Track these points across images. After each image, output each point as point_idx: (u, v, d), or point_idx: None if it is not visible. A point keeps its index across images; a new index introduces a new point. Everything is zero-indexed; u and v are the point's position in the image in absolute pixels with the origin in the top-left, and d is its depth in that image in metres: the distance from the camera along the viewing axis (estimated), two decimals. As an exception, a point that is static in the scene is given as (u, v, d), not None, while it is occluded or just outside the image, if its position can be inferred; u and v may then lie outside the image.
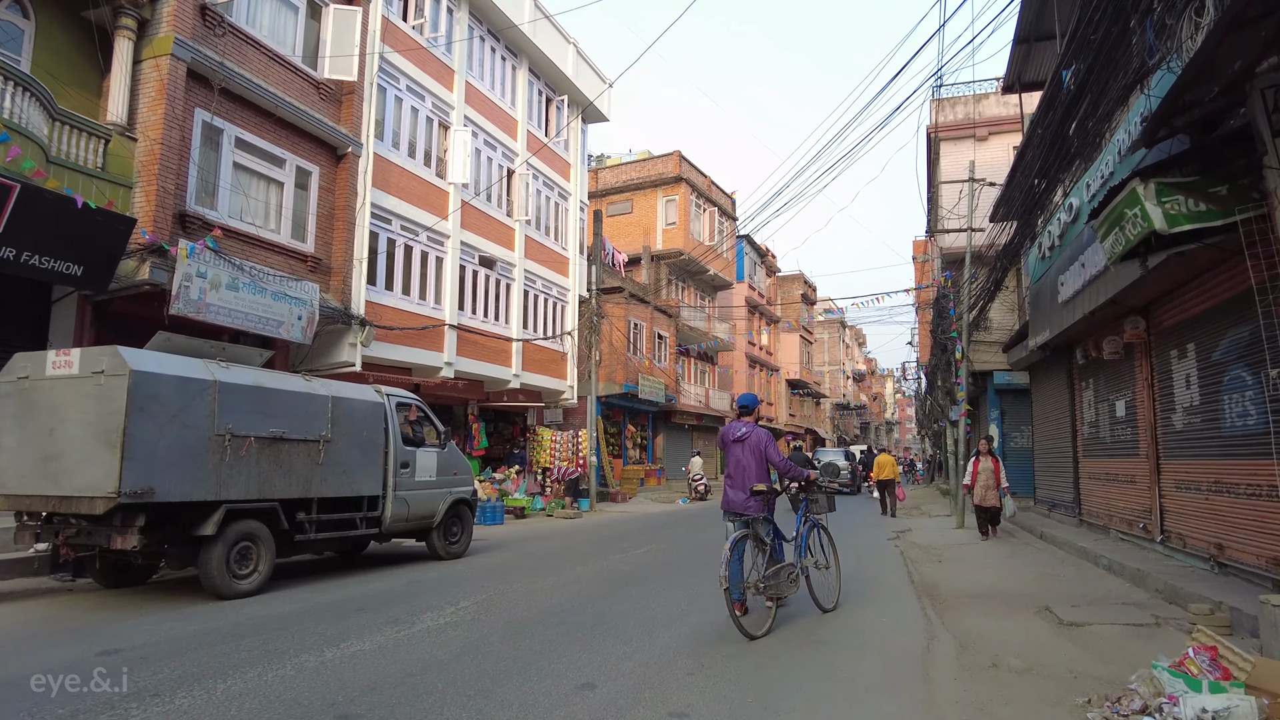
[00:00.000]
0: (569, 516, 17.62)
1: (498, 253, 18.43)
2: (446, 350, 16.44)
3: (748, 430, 6.34)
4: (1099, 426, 10.81)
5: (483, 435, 19.12)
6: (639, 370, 26.40)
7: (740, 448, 6.28)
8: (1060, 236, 10.54)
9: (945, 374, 19.81)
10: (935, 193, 19.90)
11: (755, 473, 6.20)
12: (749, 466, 6.21)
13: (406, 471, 9.33)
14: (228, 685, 4.51)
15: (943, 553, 11.23)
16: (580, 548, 11.46)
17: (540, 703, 4.26)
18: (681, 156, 32.06)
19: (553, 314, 20.98)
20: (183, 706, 4.16)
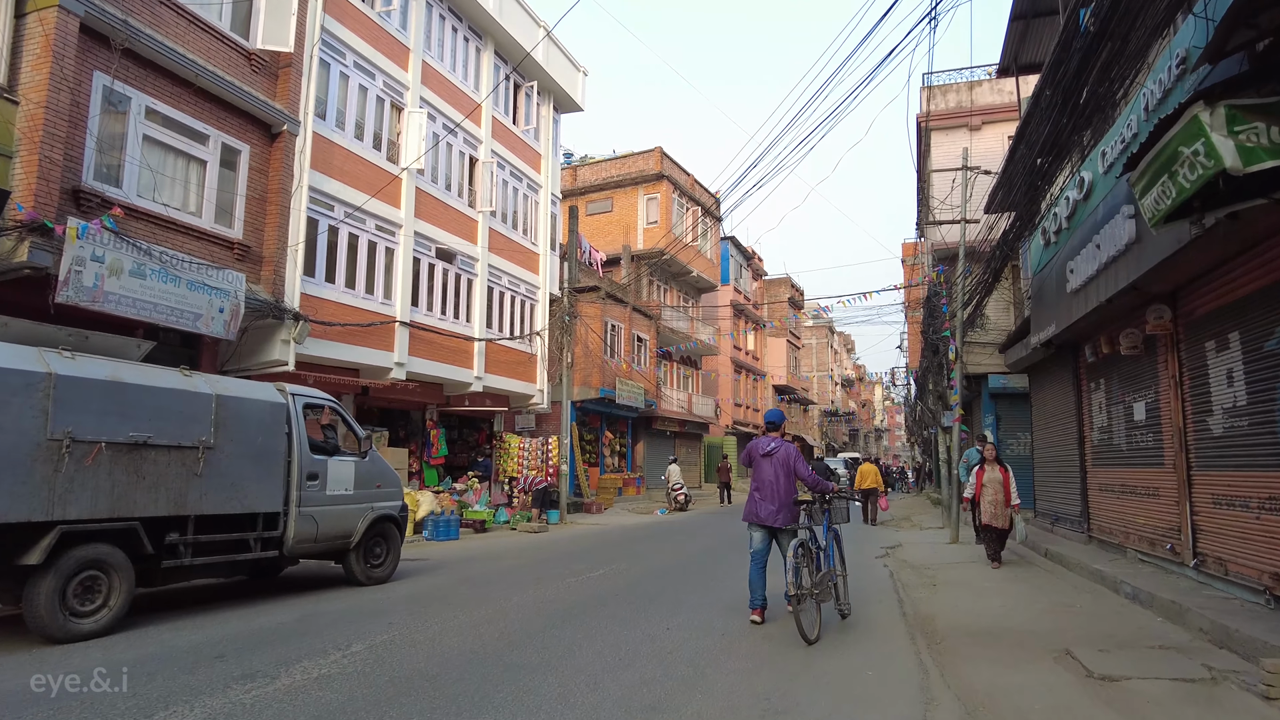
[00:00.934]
0: (534, 530, 16.29)
1: (458, 245, 17.13)
2: (397, 350, 15.10)
3: (776, 445, 6.65)
4: (1112, 432, 9.60)
5: (442, 442, 17.77)
6: (616, 374, 25.12)
7: (768, 462, 6.58)
8: (1068, 218, 9.35)
9: (937, 377, 18.62)
10: (925, 183, 18.76)
11: (784, 486, 6.49)
12: (777, 480, 6.50)
13: (315, 484, 8.00)
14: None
15: (937, 574, 9.97)
16: (530, 569, 10.13)
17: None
18: (663, 153, 30.88)
19: (521, 313, 19.67)
20: None
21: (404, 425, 18.08)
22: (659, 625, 6.52)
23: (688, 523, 19.00)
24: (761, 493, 6.57)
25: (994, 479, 9.97)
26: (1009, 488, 9.77)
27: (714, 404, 35.75)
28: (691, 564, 10.76)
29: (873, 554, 12.03)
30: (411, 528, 14.79)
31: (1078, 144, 8.24)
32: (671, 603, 7.62)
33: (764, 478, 6.57)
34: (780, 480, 6.50)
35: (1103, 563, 8.86)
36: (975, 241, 14.98)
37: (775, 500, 6.48)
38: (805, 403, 54.15)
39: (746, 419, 41.91)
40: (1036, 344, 11.25)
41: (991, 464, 10.12)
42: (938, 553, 12.58)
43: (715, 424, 36.65)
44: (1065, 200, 9.39)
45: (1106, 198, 7.91)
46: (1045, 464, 13.37)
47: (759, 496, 6.59)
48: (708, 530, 16.66)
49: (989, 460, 10.15)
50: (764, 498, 6.55)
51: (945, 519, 18.24)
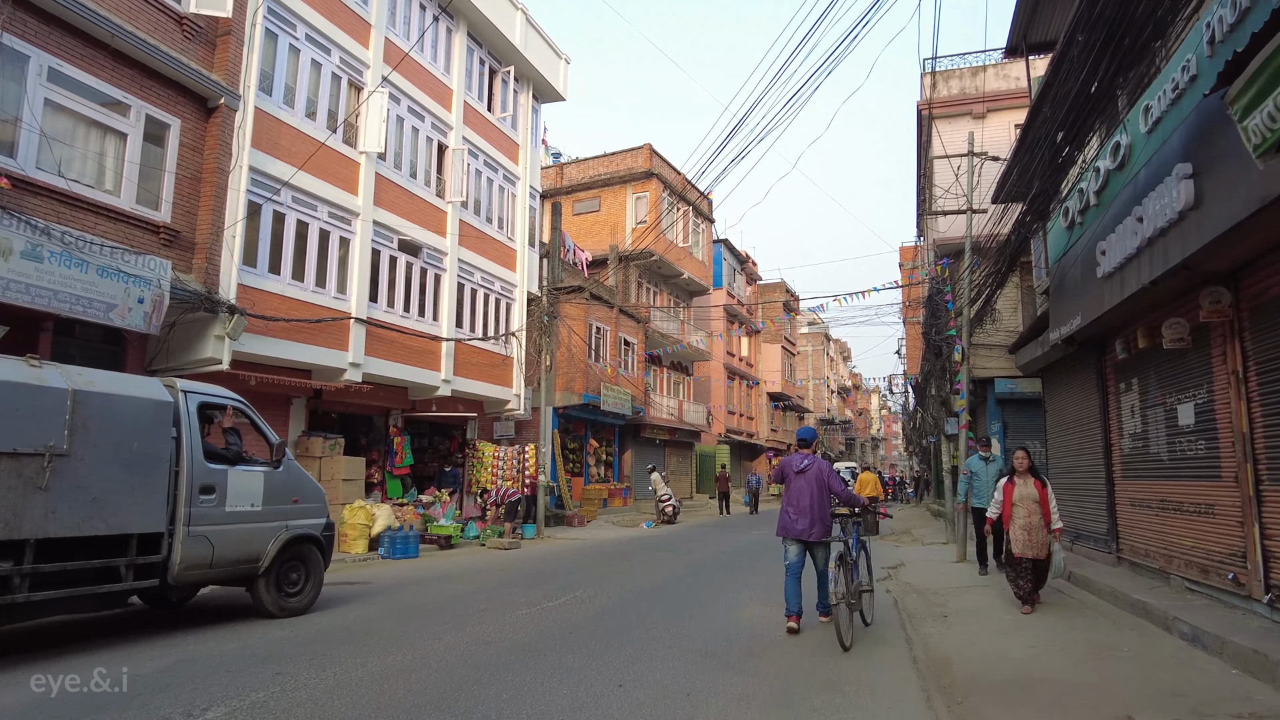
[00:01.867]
0: (504, 547, 14.97)
1: (424, 238, 15.87)
2: (352, 349, 13.81)
3: (810, 462, 6.87)
4: (1149, 439, 8.34)
5: (407, 451, 16.46)
6: (601, 379, 23.85)
7: (802, 479, 6.81)
8: (1099, 191, 8.12)
9: (940, 381, 17.38)
10: (927, 171, 17.56)
11: (818, 501, 6.72)
12: (811, 495, 6.73)
13: (210, 499, 6.70)
14: None
15: (947, 602, 8.69)
16: (481, 595, 8.83)
17: None
18: (653, 150, 29.71)
19: (496, 313, 18.40)
20: None
21: (366, 432, 16.78)
22: (610, 680, 5.22)
23: (675, 537, 17.69)
24: (796, 508, 6.81)
25: (1027, 496, 7.64)
26: (1048, 507, 7.53)
27: (706, 411, 34.48)
28: (670, 588, 9.47)
29: (874, 575, 10.74)
30: (366, 545, 13.49)
31: (1115, 99, 7.01)
32: (636, 644, 6.33)
33: (798, 493, 6.81)
34: (815, 496, 6.74)
35: (1142, 591, 7.59)
36: (981, 236, 13.79)
37: (810, 515, 6.73)
38: (800, 410, 52.90)
39: (740, 427, 40.64)
40: (1056, 340, 10.01)
41: (1024, 477, 7.79)
42: (944, 574, 11.31)
43: (707, 432, 35.37)
44: (1094, 172, 8.17)
45: (1150, 161, 6.69)
46: (1062, 475, 12.12)
47: (794, 512, 6.82)
48: (696, 546, 15.36)
49: (1021, 472, 7.83)
50: (799, 513, 6.79)
51: (949, 533, 16.98)
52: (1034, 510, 7.60)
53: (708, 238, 34.72)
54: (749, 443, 41.94)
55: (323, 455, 13.93)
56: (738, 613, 7.80)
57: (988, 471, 10.28)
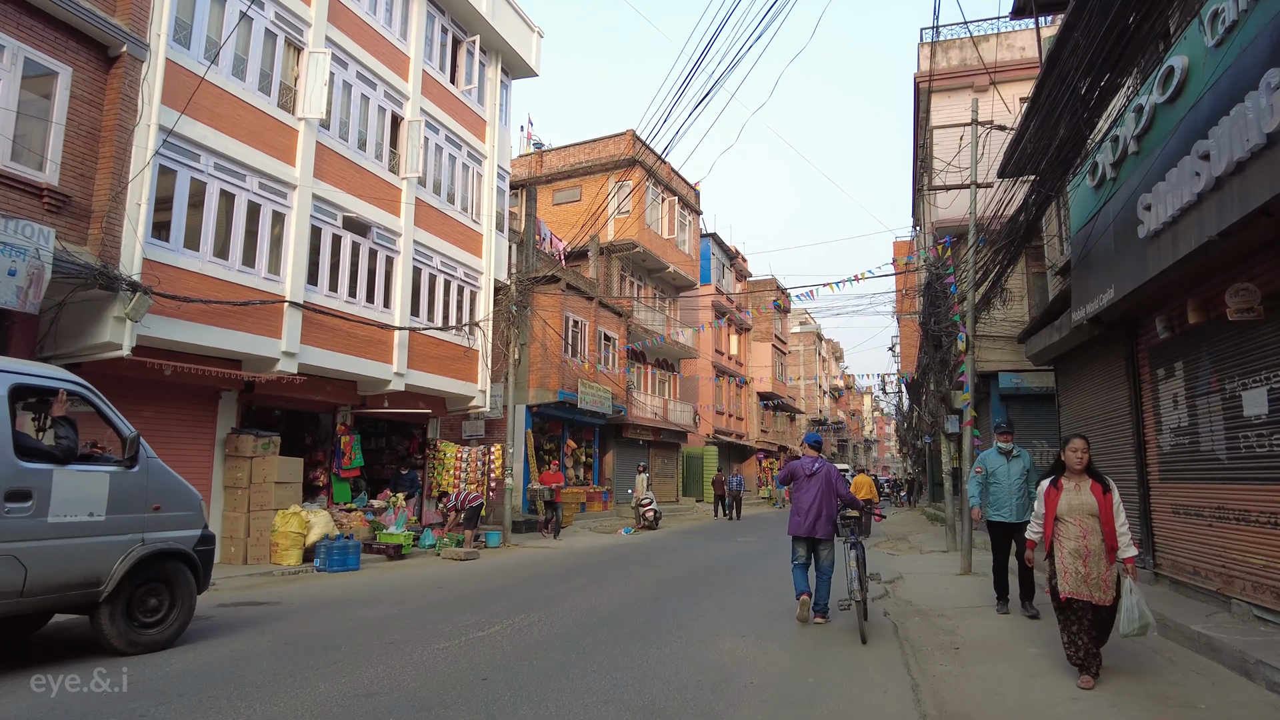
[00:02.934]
0: (460, 557, 13.51)
1: (373, 216, 14.41)
2: (286, 336, 12.34)
3: (819, 465, 7.33)
4: (1199, 433, 6.96)
5: (356, 451, 14.98)
6: (579, 375, 22.42)
7: (810, 481, 7.25)
8: (1142, 134, 6.75)
9: (939, 375, 16.00)
10: (926, 142, 16.20)
11: (827, 501, 7.16)
12: (819, 496, 7.17)
13: (24, 507, 5.22)
14: None
15: (957, 627, 7.30)
16: (401, 622, 7.37)
17: None
18: (635, 136, 28.30)
19: (459, 301, 16.95)
20: None
21: (312, 430, 15.30)
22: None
23: (652, 545, 16.26)
24: (805, 508, 7.19)
25: (1082, 507, 5.14)
26: (1113, 524, 5.04)
27: (692, 411, 33.05)
28: (630, 612, 8.04)
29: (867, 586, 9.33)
30: (299, 555, 12.03)
31: (1165, 15, 5.63)
32: (562, 699, 4.89)
33: (808, 495, 7.20)
34: (823, 497, 7.16)
35: (1199, 620, 6.20)
36: (985, 218, 12.43)
37: (817, 515, 7.15)
38: (791, 411, 51.60)
39: (729, 427, 39.24)
40: (1080, 321, 8.63)
41: (1078, 478, 5.26)
42: (949, 589, 9.92)
43: (694, 432, 33.93)
44: (1136, 114, 6.80)
45: (1219, 80, 5.31)
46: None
47: (803, 512, 7.21)
48: (673, 556, 13.93)
49: (1074, 471, 5.29)
50: (809, 513, 7.17)
51: (949, 540, 15.61)
52: (1092, 529, 5.07)
53: (695, 230, 33.35)
54: (738, 444, 40.54)
55: (254, 455, 12.45)
56: (705, 648, 6.38)
57: (1009, 470, 7.68)
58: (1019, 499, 7.58)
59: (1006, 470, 7.75)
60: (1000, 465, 7.83)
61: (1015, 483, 7.65)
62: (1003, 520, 7.66)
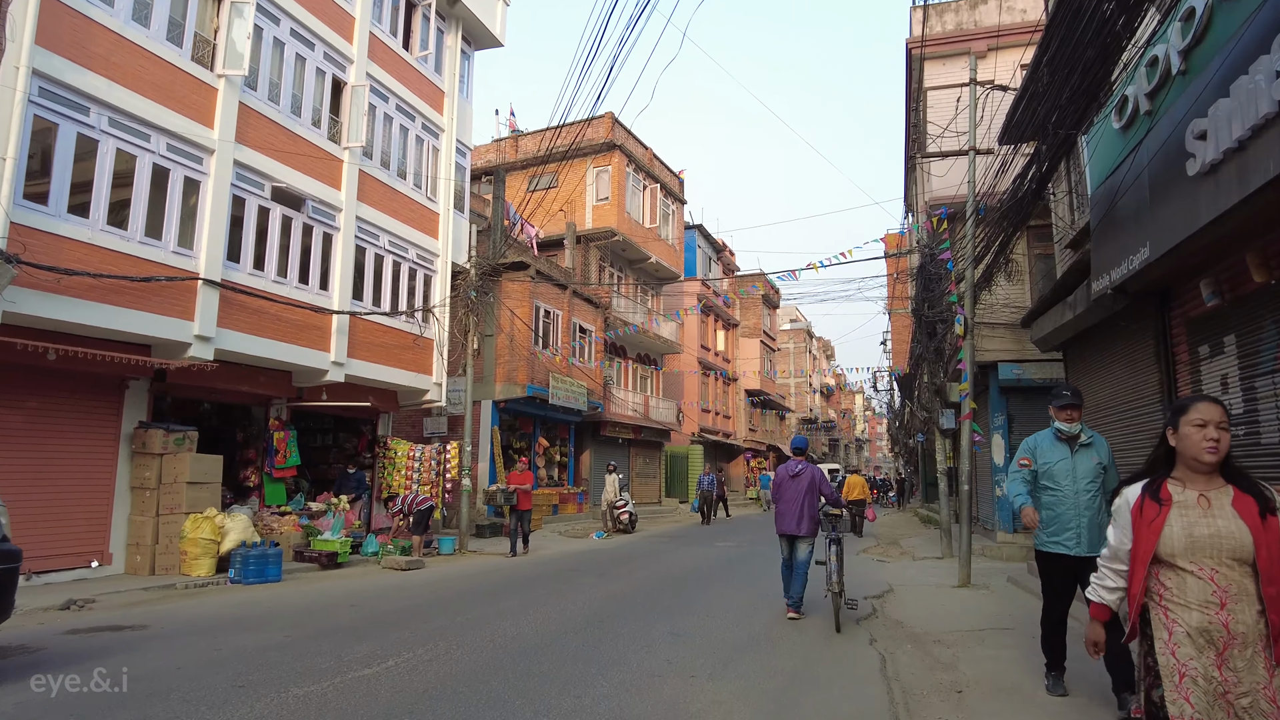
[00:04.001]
0: (403, 566, 12.12)
1: (309, 188, 12.98)
2: (200, 318, 10.92)
3: (803, 468, 7.67)
4: (1261, 424, 5.62)
5: (292, 448, 13.56)
6: (550, 369, 21.02)
7: (795, 482, 7.62)
8: (1189, 49, 5.42)
9: (934, 366, 14.71)
10: (920, 106, 14.88)
11: (808, 502, 7.52)
12: (801, 497, 7.53)
13: None
14: None
15: (957, 658, 5.97)
16: (273, 655, 5.96)
17: None
18: (615, 120, 26.94)
19: (410, 285, 15.53)
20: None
21: (244, 425, 13.89)
22: None
23: (619, 553, 14.90)
24: (789, 508, 7.59)
25: (1219, 541, 2.57)
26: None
27: (676, 408, 31.70)
28: (561, 641, 6.66)
29: (853, 612, 7.99)
30: (212, 566, 10.62)
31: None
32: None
33: (791, 495, 7.60)
34: (805, 497, 7.54)
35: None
36: (984, 194, 11.12)
37: (798, 514, 7.52)
38: (781, 409, 50.33)
39: (716, 426, 37.90)
40: (1102, 292, 7.30)
41: (1206, 484, 2.68)
42: (946, 606, 8.59)
43: (678, 430, 32.57)
44: (1181, 24, 5.46)
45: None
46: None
47: (787, 511, 7.59)
48: (637, 566, 12.58)
49: (1199, 470, 2.67)
50: (791, 512, 7.57)
51: (944, 545, 14.31)
52: (1239, 588, 2.56)
53: (679, 220, 31.98)
54: (725, 443, 39.18)
55: (165, 451, 11.03)
56: (640, 697, 5.00)
57: (1075, 468, 4.76)
58: (1092, 516, 4.63)
59: (1070, 467, 4.76)
60: (1060, 459, 4.80)
61: (1086, 489, 4.68)
62: (1064, 552, 4.69)
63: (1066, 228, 10.23)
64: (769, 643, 6.64)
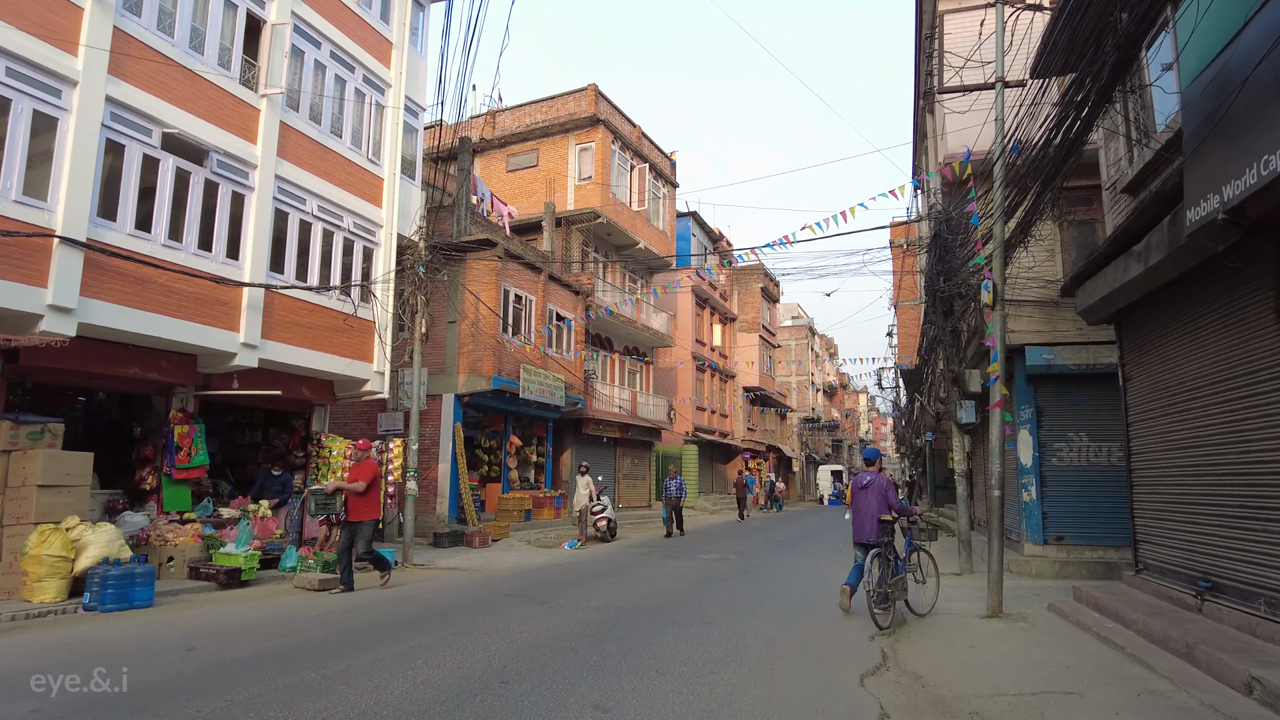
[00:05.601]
0: (315, 587, 10.10)
1: (213, 138, 10.98)
2: (56, 285, 8.91)
3: (872, 478, 8.10)
4: None
5: (199, 445, 11.56)
6: (520, 359, 18.97)
7: (865, 493, 8.01)
8: None
9: (950, 352, 12.62)
10: (934, 32, 12.78)
11: (877, 510, 7.86)
12: (872, 506, 7.91)
13: None
14: None
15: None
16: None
17: None
18: (599, 92, 24.92)
19: (346, 259, 13.52)
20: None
21: (142, 417, 11.89)
22: None
23: (587, 567, 12.86)
24: (861, 517, 8.02)
25: None
26: None
27: (667, 405, 29.65)
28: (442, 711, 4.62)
29: (856, 663, 5.94)
30: (64, 589, 8.61)
31: None
32: None
33: (864, 505, 7.99)
34: (874, 506, 7.88)
35: None
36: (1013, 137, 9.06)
37: (870, 521, 7.89)
38: (783, 409, 48.20)
39: (711, 425, 35.82)
40: (1204, 222, 5.23)
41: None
42: (978, 648, 6.53)
43: (669, 430, 30.50)
44: None
45: None
46: (1165, 480, 7.41)
47: (859, 520, 8.03)
48: (601, 585, 10.52)
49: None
50: (863, 521, 7.97)
51: (962, 559, 12.28)
52: None
53: (670, 205, 29.92)
54: (722, 443, 37.11)
55: (12, 448, 9.04)
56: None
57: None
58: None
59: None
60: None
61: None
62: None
63: (1124, 167, 8.18)
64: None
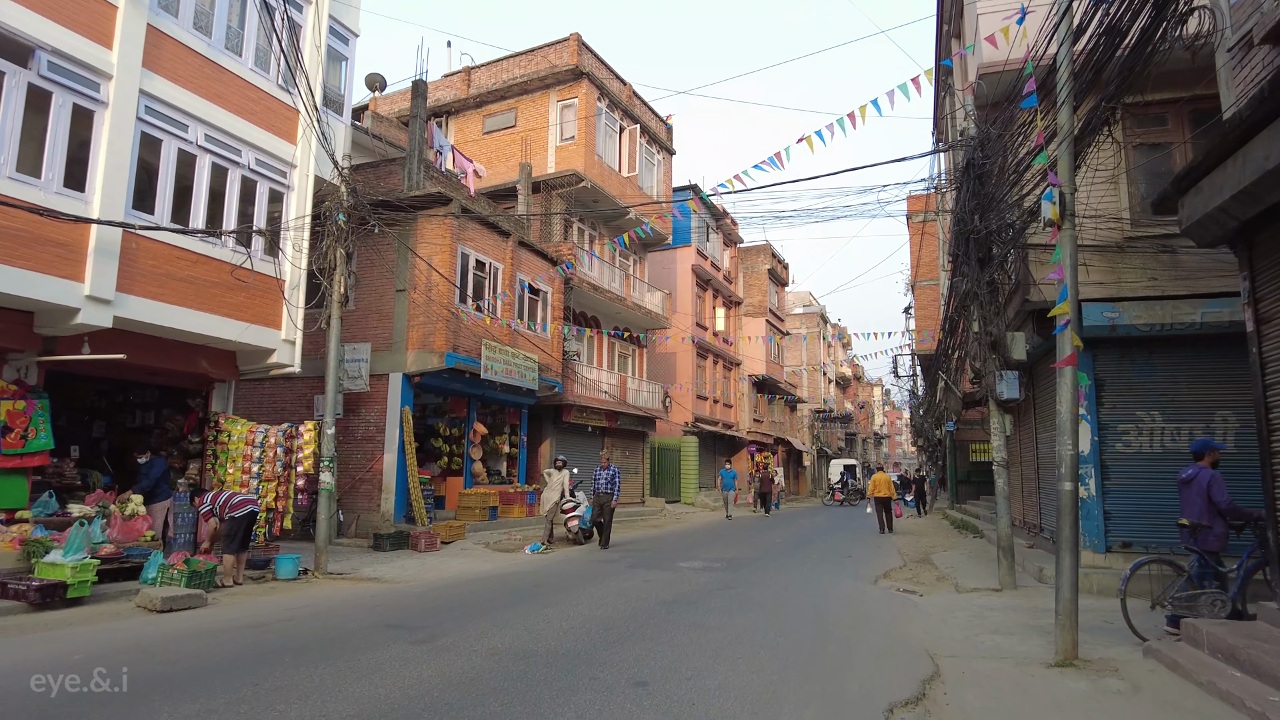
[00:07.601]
0: (157, 607, 7.74)
1: (45, 36, 8.60)
2: None
3: (1194, 472, 6.94)
4: None
5: (41, 424, 9.22)
6: (481, 334, 16.53)
7: (1187, 488, 6.94)
8: None
9: (989, 309, 10.06)
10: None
11: (1198, 510, 6.70)
12: (1194, 504, 6.78)
13: None
14: None
15: None
16: None
17: None
18: (581, 42, 22.42)
19: (245, 202, 11.13)
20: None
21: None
22: None
23: (530, 581, 10.44)
24: (1185, 517, 6.98)
25: None
26: None
27: (662, 392, 27.14)
28: None
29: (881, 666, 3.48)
30: None
31: None
32: None
33: (1187, 503, 6.94)
34: (1196, 505, 6.75)
35: None
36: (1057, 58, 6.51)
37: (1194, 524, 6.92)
38: (792, 400, 45.54)
39: (714, 415, 33.25)
40: None
41: None
42: (1037, 686, 4.03)
43: (666, 419, 27.99)
44: None
45: None
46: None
47: (1184, 521, 7.02)
48: (527, 609, 8.10)
49: None
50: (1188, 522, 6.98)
51: (1002, 569, 9.77)
52: None
53: (665, 173, 27.39)
54: (725, 434, 34.54)
55: None
56: None
57: None
58: None
59: None
60: None
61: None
62: None
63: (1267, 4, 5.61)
64: None
